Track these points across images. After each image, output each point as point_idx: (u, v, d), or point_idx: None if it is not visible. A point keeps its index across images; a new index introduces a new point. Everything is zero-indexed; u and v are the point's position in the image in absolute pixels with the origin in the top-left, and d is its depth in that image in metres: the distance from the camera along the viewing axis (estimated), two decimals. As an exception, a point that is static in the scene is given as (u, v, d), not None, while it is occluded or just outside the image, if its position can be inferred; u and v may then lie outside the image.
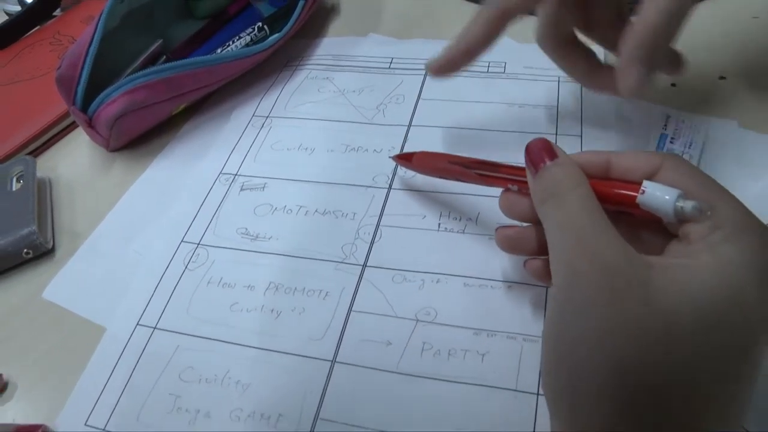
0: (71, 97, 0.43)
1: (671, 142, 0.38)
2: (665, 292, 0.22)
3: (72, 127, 0.50)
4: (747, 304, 0.22)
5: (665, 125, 0.39)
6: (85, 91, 0.43)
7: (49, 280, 0.39)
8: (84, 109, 0.44)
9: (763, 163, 0.37)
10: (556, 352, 0.24)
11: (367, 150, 0.42)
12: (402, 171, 0.40)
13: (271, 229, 0.39)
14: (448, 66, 0.36)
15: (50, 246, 0.40)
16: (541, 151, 0.27)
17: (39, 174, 0.44)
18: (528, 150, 0.28)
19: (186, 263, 0.38)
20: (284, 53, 0.52)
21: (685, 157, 0.37)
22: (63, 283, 0.39)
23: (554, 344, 0.24)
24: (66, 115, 0.49)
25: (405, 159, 0.38)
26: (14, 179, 0.42)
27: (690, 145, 0.38)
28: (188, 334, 0.34)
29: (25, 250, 0.39)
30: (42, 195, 0.43)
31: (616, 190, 0.26)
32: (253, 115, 0.48)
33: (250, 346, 0.33)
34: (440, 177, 0.36)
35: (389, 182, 0.40)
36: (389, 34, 0.53)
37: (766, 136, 0.38)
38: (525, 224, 0.30)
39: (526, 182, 0.28)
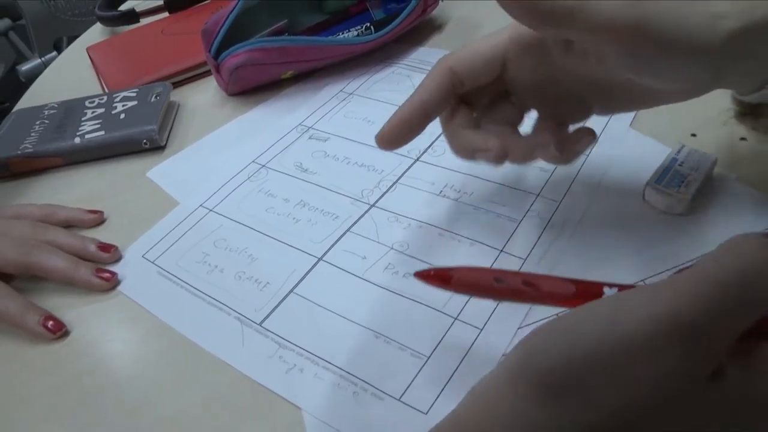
0: (208, 46, 0.57)
1: (680, 165, 0.41)
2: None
3: (206, 73, 0.64)
4: None
5: (678, 151, 0.42)
6: (219, 44, 0.57)
7: (154, 166, 0.52)
8: (216, 56, 0.57)
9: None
10: (580, 351, 0.22)
11: (414, 131, 0.52)
12: (433, 149, 0.50)
13: (318, 167, 0.50)
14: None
15: (163, 144, 0.54)
16: None
17: (172, 98, 0.58)
18: None
19: (249, 175, 0.50)
20: (383, 52, 0.63)
21: (689, 179, 0.39)
22: (163, 170, 0.52)
23: (588, 344, 0.22)
24: (204, 63, 0.63)
25: (441, 280, 0.30)
26: (154, 95, 0.57)
27: (696, 169, 0.40)
28: (231, 219, 0.46)
29: (144, 141, 0.53)
30: (169, 110, 0.57)
31: None
32: (341, 91, 0.59)
33: (267, 235, 0.44)
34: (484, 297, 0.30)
35: (419, 155, 0.49)
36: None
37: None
38: None
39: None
